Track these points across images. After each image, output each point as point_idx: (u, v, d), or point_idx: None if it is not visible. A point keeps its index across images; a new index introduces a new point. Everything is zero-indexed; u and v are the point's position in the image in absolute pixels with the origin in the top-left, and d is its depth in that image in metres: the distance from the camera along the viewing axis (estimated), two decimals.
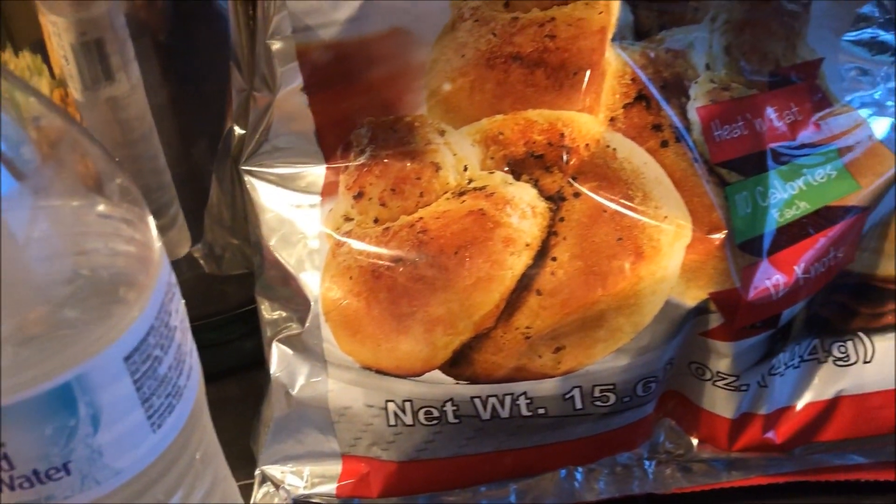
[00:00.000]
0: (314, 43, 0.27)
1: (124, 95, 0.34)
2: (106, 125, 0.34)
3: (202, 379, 0.23)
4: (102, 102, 0.34)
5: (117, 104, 0.34)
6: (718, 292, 0.25)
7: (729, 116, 0.27)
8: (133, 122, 0.35)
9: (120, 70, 0.33)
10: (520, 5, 0.27)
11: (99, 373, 0.18)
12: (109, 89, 0.33)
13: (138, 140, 0.35)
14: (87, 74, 0.33)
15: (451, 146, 0.28)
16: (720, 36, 0.27)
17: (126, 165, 0.36)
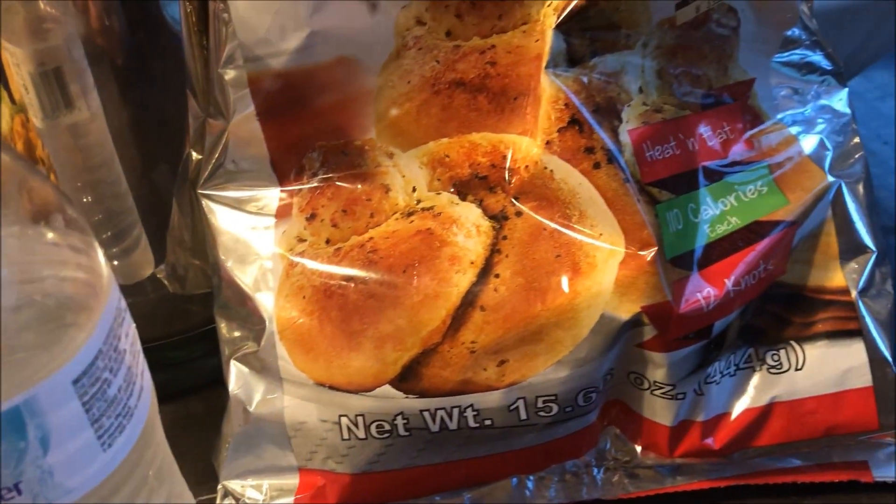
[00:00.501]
0: (265, 72, 0.28)
1: (84, 122, 0.35)
2: (67, 152, 0.35)
3: (154, 398, 0.24)
4: (63, 130, 0.35)
5: (78, 131, 0.35)
6: (651, 305, 0.27)
7: (661, 137, 0.28)
8: (94, 148, 0.35)
9: (79, 98, 0.34)
10: (461, 34, 0.28)
11: (48, 396, 0.19)
12: (70, 117, 0.34)
13: (100, 165, 0.36)
14: (47, 103, 0.33)
15: (400, 168, 0.29)
16: (652, 60, 0.28)
17: (88, 190, 0.36)
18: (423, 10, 0.28)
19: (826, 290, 0.29)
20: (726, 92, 0.30)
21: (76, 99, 0.34)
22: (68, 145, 0.35)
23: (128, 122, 0.35)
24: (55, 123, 0.34)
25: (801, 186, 0.29)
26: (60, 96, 0.34)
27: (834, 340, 0.29)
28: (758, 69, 0.30)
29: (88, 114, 0.34)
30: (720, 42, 0.29)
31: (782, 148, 0.30)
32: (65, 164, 0.36)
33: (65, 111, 0.34)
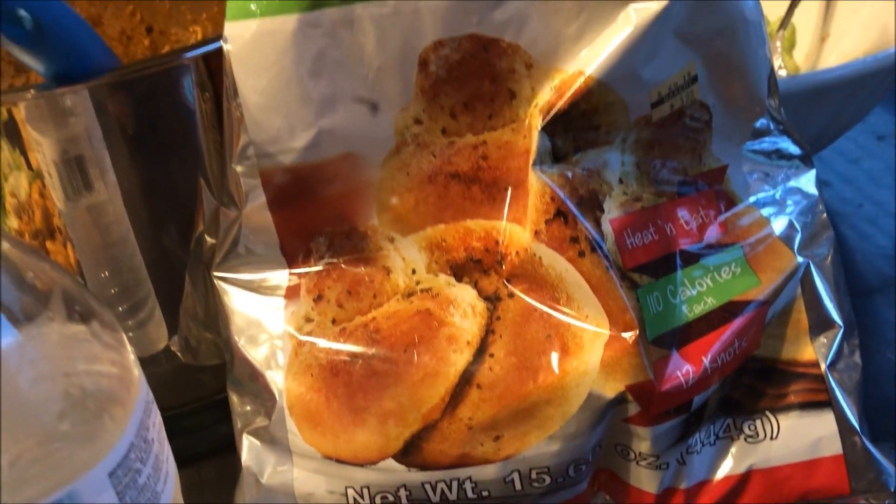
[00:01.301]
0: (275, 167, 0.30)
1: (103, 202, 0.37)
2: (86, 230, 0.38)
3: (177, 478, 0.26)
4: (83, 210, 0.37)
5: (96, 211, 0.37)
6: (634, 385, 0.29)
7: (640, 224, 0.30)
8: (111, 225, 0.38)
9: (98, 180, 0.36)
10: (455, 131, 0.31)
11: (86, 489, 0.21)
12: (89, 198, 0.37)
13: (117, 241, 0.38)
14: (68, 187, 0.36)
15: (400, 252, 0.32)
16: (631, 154, 0.31)
17: (105, 266, 0.39)
18: (421, 110, 0.30)
19: (798, 363, 0.32)
20: (701, 179, 0.32)
21: (95, 181, 0.36)
22: (87, 224, 0.37)
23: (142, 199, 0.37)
24: (76, 205, 0.36)
25: (772, 267, 0.31)
26: (81, 180, 0.36)
27: (806, 411, 0.31)
28: (730, 157, 0.33)
29: (106, 195, 0.37)
30: (694, 134, 0.32)
31: (754, 230, 0.32)
32: (83, 242, 0.38)
33: (85, 193, 0.36)
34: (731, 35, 0.30)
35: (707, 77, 0.31)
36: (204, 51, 0.30)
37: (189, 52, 0.30)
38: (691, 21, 0.29)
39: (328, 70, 0.29)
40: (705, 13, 0.29)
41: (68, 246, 0.37)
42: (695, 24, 0.29)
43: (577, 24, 0.28)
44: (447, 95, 0.30)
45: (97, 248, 0.38)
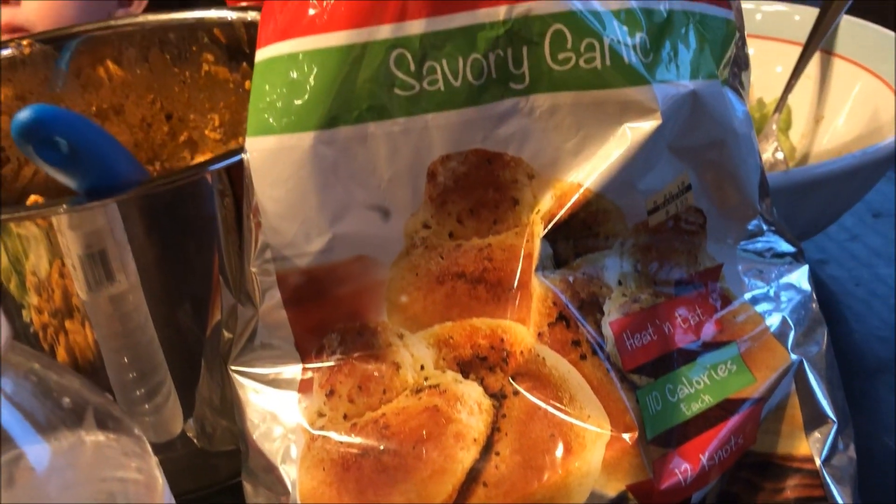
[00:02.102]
0: (291, 269, 0.32)
1: (123, 293, 0.38)
2: (107, 319, 0.39)
3: None
4: (104, 300, 0.38)
5: (117, 301, 0.39)
6: (635, 484, 0.30)
7: (639, 325, 0.32)
8: (131, 313, 0.39)
9: (120, 272, 0.38)
10: (462, 235, 0.32)
11: None
12: (111, 289, 0.38)
13: (136, 328, 0.40)
14: (91, 279, 0.37)
15: (409, 348, 0.33)
16: (629, 257, 0.32)
17: (124, 352, 0.40)
18: (429, 216, 0.32)
19: (793, 458, 0.33)
20: (697, 278, 0.34)
21: (117, 273, 0.38)
22: (108, 313, 0.39)
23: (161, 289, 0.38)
24: (98, 296, 0.38)
25: (767, 365, 0.33)
26: (103, 272, 0.37)
27: None
28: (725, 256, 0.34)
29: (127, 285, 0.38)
30: (689, 237, 0.33)
31: (749, 328, 0.34)
32: (104, 329, 0.39)
33: (106, 284, 0.38)
34: (721, 147, 0.31)
35: (701, 184, 0.32)
36: (226, 164, 0.32)
37: (213, 165, 0.32)
38: (683, 136, 0.31)
39: (342, 181, 0.31)
40: (697, 128, 0.31)
41: (86, 325, 0.39)
42: (687, 138, 0.31)
43: (576, 139, 0.30)
44: (454, 203, 0.32)
45: (117, 335, 0.39)
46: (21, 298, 0.38)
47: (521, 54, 0.29)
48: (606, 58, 0.29)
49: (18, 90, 0.50)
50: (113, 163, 0.30)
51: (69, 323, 0.39)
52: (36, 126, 0.25)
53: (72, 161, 0.28)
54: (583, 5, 0.28)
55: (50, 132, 0.26)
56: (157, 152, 0.54)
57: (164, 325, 0.39)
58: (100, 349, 0.39)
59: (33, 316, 0.38)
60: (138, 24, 0.51)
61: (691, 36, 0.31)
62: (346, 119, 0.30)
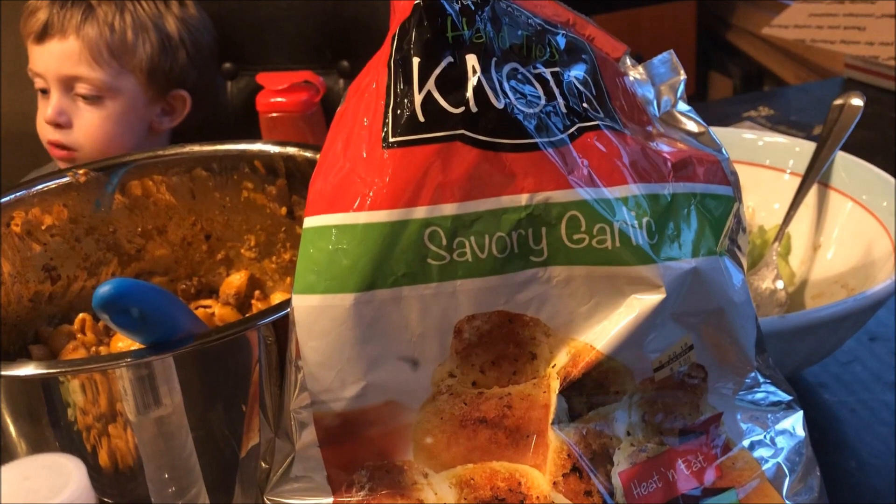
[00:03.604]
0: (327, 412, 0.35)
1: (168, 415, 0.42)
2: (152, 438, 0.42)
3: None
4: (151, 422, 0.42)
5: (162, 422, 0.42)
6: None
7: (645, 475, 0.34)
8: (174, 433, 0.42)
9: (166, 396, 0.41)
10: (484, 384, 0.35)
11: None
12: (157, 411, 0.42)
13: (177, 446, 0.43)
14: (140, 403, 0.41)
15: (433, 486, 0.36)
16: (637, 409, 0.35)
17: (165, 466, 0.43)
18: (455, 366, 0.35)
19: None
20: (699, 427, 0.37)
21: (163, 397, 0.41)
22: (154, 434, 0.42)
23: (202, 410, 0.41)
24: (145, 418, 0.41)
25: None
26: (152, 397, 0.41)
27: None
28: (724, 406, 0.37)
29: (172, 408, 0.41)
30: (692, 389, 0.36)
31: (747, 475, 0.36)
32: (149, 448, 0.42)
33: (153, 408, 0.41)
34: (720, 314, 0.35)
35: (701, 345, 0.35)
36: (274, 318, 0.36)
37: (263, 319, 0.36)
38: (685, 305, 0.34)
39: (377, 336, 0.34)
40: (697, 299, 0.34)
41: (128, 430, 0.41)
42: (689, 307, 0.34)
43: (589, 305, 0.34)
44: (478, 356, 0.35)
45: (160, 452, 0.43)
46: (67, 397, 0.40)
47: (540, 234, 0.33)
48: (616, 239, 0.32)
49: (72, 213, 0.54)
50: (174, 321, 0.34)
51: (112, 427, 0.41)
52: (115, 299, 0.29)
53: (140, 324, 0.31)
54: (595, 194, 0.32)
55: (126, 303, 0.30)
56: (195, 268, 0.58)
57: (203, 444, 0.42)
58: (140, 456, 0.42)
59: (78, 416, 0.41)
60: (185, 153, 0.55)
61: (693, 216, 0.34)
62: (383, 283, 0.33)
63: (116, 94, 0.85)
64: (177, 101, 0.91)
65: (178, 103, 0.91)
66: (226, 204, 0.56)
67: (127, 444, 0.42)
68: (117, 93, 0.85)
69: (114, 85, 0.85)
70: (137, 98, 0.87)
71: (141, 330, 0.32)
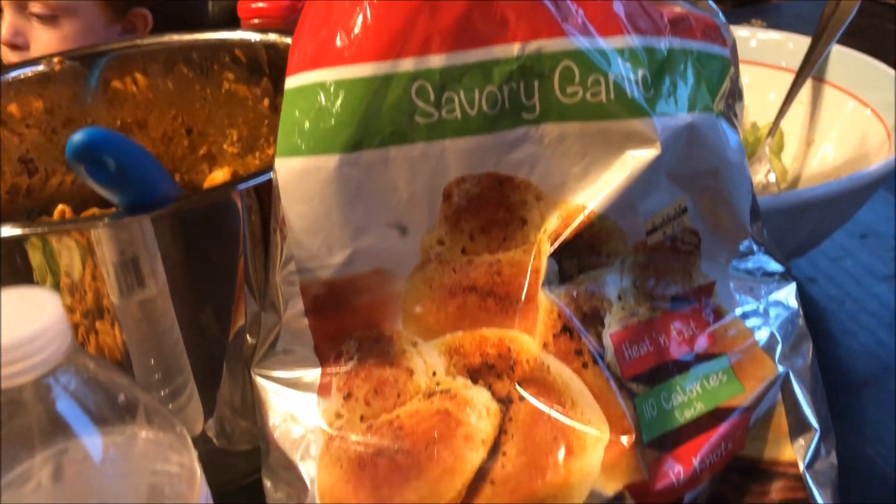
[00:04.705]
0: (314, 280, 0.34)
1: (152, 298, 0.41)
2: (136, 323, 0.41)
3: None
4: (135, 305, 0.41)
5: (146, 306, 0.41)
6: (631, 484, 0.32)
7: (637, 338, 0.34)
8: (160, 318, 0.42)
9: (150, 278, 0.40)
10: (473, 251, 0.35)
11: None
12: (141, 294, 0.41)
13: (163, 331, 0.42)
14: (123, 285, 0.40)
15: (422, 355, 0.36)
16: (629, 274, 0.35)
17: (151, 354, 0.42)
18: (444, 233, 0.34)
19: (778, 462, 0.35)
20: (691, 294, 0.36)
21: (147, 279, 0.40)
22: (138, 318, 0.41)
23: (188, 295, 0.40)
24: (129, 301, 0.40)
25: (755, 376, 0.35)
26: (135, 279, 0.40)
27: None
28: (717, 274, 0.37)
29: (156, 290, 0.41)
30: (685, 256, 0.36)
31: (739, 341, 0.36)
32: (132, 332, 0.42)
33: (137, 290, 0.40)
34: (716, 175, 0.34)
35: (696, 208, 0.35)
36: (255, 182, 0.35)
37: (243, 184, 0.35)
38: (681, 164, 0.33)
39: (364, 200, 0.33)
40: (693, 157, 0.33)
41: (116, 327, 0.41)
42: (684, 166, 0.33)
43: (582, 165, 0.33)
44: (467, 221, 0.34)
45: (145, 339, 0.42)
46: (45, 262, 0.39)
47: (532, 87, 0.32)
48: (611, 92, 0.31)
49: (48, 104, 0.52)
50: (153, 181, 0.32)
51: (99, 324, 0.41)
52: (89, 147, 0.28)
53: (117, 179, 0.30)
54: (589, 44, 0.31)
55: (100, 153, 0.28)
56: (176, 165, 0.56)
57: (190, 329, 0.41)
58: (128, 350, 0.42)
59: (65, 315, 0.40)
60: (164, 43, 0.53)
61: (689, 72, 0.33)
62: (370, 143, 0.32)
63: (72, 14, 0.83)
64: (138, 19, 0.88)
65: (140, 22, 0.88)
66: (206, 96, 0.54)
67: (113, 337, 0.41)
68: (73, 13, 0.83)
69: (68, 5, 0.82)
70: (95, 18, 0.84)
71: (118, 187, 0.31)
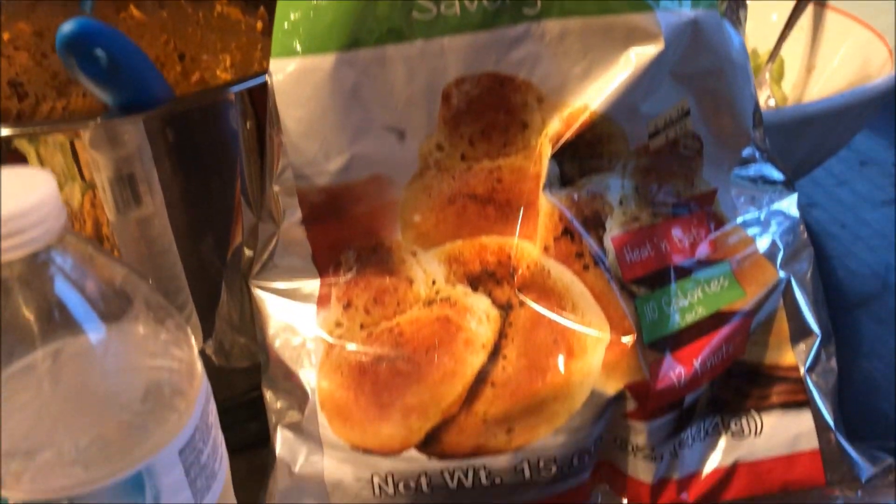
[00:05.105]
0: (311, 187, 0.34)
1: (150, 216, 0.40)
2: (134, 242, 0.41)
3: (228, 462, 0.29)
4: (132, 223, 0.40)
5: (144, 223, 0.40)
6: (632, 383, 0.32)
7: (638, 242, 0.34)
8: (157, 237, 0.41)
9: (147, 195, 0.39)
10: (473, 157, 0.34)
11: (161, 464, 0.24)
12: (138, 212, 0.40)
13: (160, 252, 0.42)
14: (119, 201, 0.39)
15: (422, 264, 0.35)
16: (630, 179, 0.34)
17: (150, 274, 0.42)
18: (443, 138, 0.34)
19: (779, 367, 0.35)
20: (693, 201, 0.36)
21: (144, 197, 0.39)
22: (135, 236, 0.41)
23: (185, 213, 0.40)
24: (126, 218, 0.40)
25: (757, 281, 0.35)
26: (131, 196, 0.39)
27: (786, 410, 0.35)
28: (719, 181, 0.36)
29: (153, 209, 0.40)
30: (687, 161, 0.35)
31: (741, 248, 0.36)
32: (130, 251, 0.41)
33: (134, 207, 0.40)
34: (719, 75, 0.33)
35: (699, 111, 0.34)
36: (249, 85, 0.34)
37: (236, 86, 0.34)
38: (684, 62, 0.33)
39: (361, 102, 0.33)
40: (696, 56, 0.33)
41: (115, 253, 0.40)
42: (687, 65, 0.33)
43: (584, 64, 0.32)
44: (466, 125, 0.34)
45: (143, 258, 0.41)
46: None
47: None
48: None
49: (37, 27, 0.51)
50: (145, 80, 0.32)
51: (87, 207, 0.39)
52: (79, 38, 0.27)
53: (109, 75, 0.30)
54: None
55: (91, 44, 0.28)
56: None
57: (188, 249, 0.41)
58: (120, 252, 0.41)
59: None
60: None
61: None
62: (367, 41, 0.32)
63: None
64: None
65: None
66: (199, 20, 0.53)
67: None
68: None
69: None
70: None
71: (110, 83, 0.30)
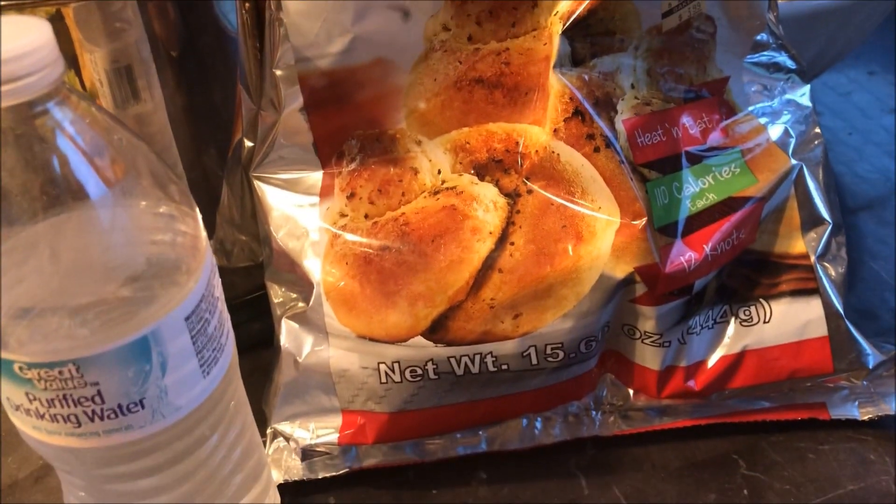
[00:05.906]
0: (313, 71, 0.33)
1: (148, 113, 0.39)
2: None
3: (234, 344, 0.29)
4: (130, 119, 0.39)
5: (143, 121, 0.39)
6: (642, 266, 0.32)
7: (650, 126, 0.33)
8: (156, 135, 0.40)
9: (145, 90, 0.38)
10: (480, 38, 0.33)
11: (167, 329, 0.24)
12: (136, 108, 0.39)
13: (160, 151, 0.41)
14: (118, 96, 0.38)
15: (427, 154, 0.34)
16: (642, 61, 0.33)
17: None
18: (449, 18, 0.33)
19: (789, 255, 0.35)
20: (705, 88, 0.35)
21: (142, 92, 0.38)
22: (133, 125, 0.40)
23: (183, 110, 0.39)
24: (124, 114, 0.39)
25: (769, 168, 0.34)
26: (129, 90, 0.38)
27: (796, 298, 0.34)
28: (732, 68, 0.35)
29: (152, 105, 0.39)
30: (700, 45, 0.34)
31: (753, 135, 0.35)
32: None
33: (132, 102, 0.39)
34: None
35: None
36: None
37: None
38: None
39: None
40: None
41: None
42: None
43: None
44: (473, 4, 0.32)
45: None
46: None
47: None
48: None
49: None
50: None
51: None
52: None
53: None
54: None
55: None
56: None
57: (187, 147, 0.40)
58: None
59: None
60: None
61: None
62: None
63: None
64: None
65: None
66: None
67: None
68: None
69: None
70: None
71: None
